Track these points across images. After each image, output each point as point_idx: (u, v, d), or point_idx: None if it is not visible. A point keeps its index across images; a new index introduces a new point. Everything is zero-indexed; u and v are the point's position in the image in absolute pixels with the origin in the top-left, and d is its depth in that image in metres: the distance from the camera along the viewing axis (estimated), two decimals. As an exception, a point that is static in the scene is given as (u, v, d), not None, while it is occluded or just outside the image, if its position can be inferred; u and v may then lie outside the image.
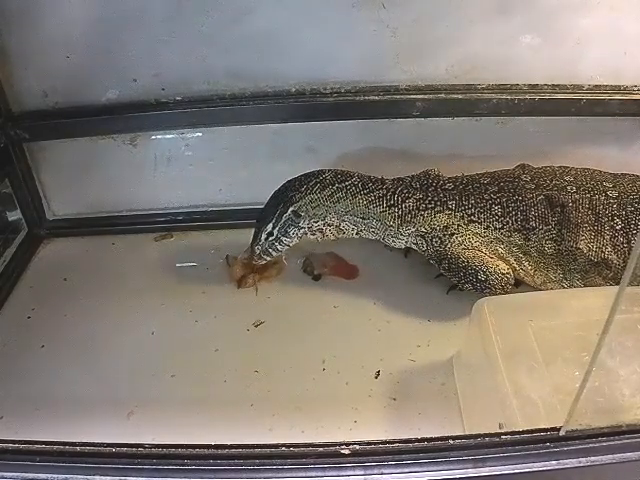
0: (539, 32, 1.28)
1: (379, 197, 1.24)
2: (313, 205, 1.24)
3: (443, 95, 1.33)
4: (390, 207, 1.24)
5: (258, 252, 1.27)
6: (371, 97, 1.34)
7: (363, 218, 1.26)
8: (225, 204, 1.55)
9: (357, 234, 1.29)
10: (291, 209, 1.23)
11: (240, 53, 1.32)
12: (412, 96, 1.34)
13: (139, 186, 1.52)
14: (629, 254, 1.11)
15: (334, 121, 1.40)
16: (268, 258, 1.29)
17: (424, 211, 1.23)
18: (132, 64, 1.33)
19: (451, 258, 1.21)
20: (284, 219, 1.24)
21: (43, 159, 1.48)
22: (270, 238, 1.25)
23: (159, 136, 1.46)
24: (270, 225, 1.24)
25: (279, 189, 1.27)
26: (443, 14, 1.26)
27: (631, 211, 1.14)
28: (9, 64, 1.33)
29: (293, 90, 1.36)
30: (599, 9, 1.24)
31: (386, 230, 1.26)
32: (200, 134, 1.46)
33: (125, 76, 1.35)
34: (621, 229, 1.13)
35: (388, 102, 1.34)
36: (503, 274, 1.19)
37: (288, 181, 1.27)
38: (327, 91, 1.36)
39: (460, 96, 1.33)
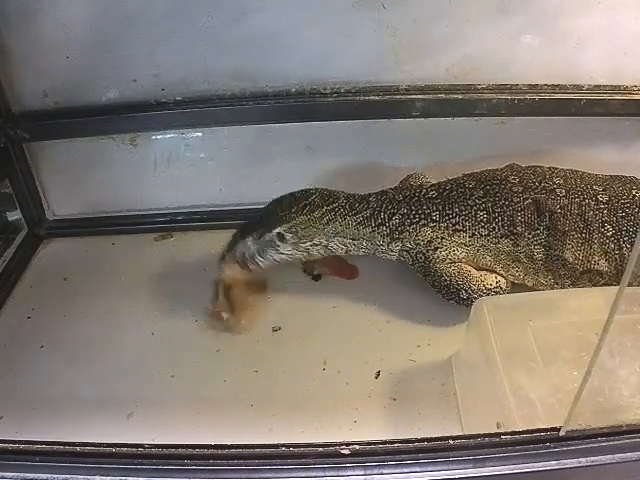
0: (539, 32, 1.28)
1: (367, 217, 1.22)
2: (303, 227, 1.21)
3: (443, 95, 1.33)
4: (378, 226, 1.22)
5: (228, 259, 1.22)
6: (371, 97, 1.34)
7: (353, 239, 1.23)
8: (225, 204, 1.54)
9: (346, 252, 1.26)
10: (276, 231, 1.20)
11: (240, 53, 1.32)
12: (412, 96, 1.33)
13: (139, 186, 1.52)
14: (620, 261, 1.09)
15: (334, 121, 1.39)
16: (232, 271, 1.23)
17: (409, 226, 1.21)
18: (132, 64, 1.33)
19: (434, 275, 1.19)
20: (266, 239, 1.21)
21: (43, 159, 1.48)
22: (247, 253, 1.22)
23: (159, 136, 1.46)
24: (249, 240, 1.21)
25: (267, 207, 1.24)
26: (443, 14, 1.26)
27: (622, 216, 1.10)
28: (9, 64, 1.33)
29: (293, 90, 1.36)
30: (599, 9, 1.24)
31: (377, 248, 1.24)
32: (200, 134, 1.46)
33: (125, 76, 1.35)
34: (612, 236, 1.10)
35: (388, 102, 1.34)
36: (489, 289, 1.17)
37: (276, 200, 1.24)
38: (327, 91, 1.36)
39: (460, 96, 1.33)
